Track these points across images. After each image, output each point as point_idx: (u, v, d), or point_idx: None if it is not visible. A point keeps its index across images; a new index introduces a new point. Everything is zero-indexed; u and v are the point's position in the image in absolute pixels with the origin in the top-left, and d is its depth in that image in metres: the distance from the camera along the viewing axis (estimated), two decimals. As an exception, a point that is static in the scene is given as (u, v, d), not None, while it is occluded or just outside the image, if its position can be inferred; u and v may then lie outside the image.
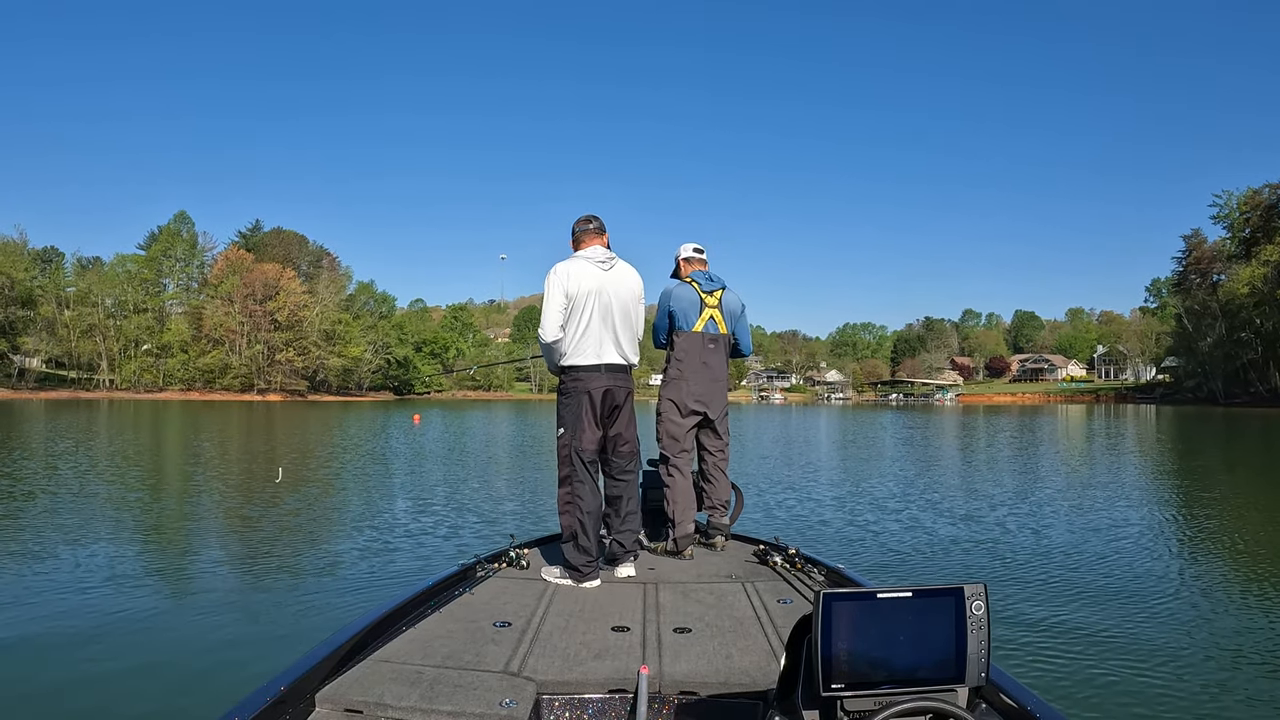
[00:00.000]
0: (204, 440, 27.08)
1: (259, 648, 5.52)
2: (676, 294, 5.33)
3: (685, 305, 5.32)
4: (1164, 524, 11.10)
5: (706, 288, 5.36)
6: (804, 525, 10.73)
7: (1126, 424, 46.39)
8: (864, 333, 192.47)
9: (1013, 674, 2.63)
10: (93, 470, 16.49)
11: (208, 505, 12.33)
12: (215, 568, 8.18)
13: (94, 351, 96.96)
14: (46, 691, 4.72)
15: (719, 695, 2.86)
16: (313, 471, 16.82)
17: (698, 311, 5.32)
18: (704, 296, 5.34)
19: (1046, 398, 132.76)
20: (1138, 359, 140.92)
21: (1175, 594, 7.21)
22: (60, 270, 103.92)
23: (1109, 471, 18.81)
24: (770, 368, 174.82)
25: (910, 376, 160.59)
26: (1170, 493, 15.22)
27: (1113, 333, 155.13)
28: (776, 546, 4.91)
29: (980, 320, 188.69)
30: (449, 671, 2.91)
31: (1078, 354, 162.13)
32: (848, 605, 1.94)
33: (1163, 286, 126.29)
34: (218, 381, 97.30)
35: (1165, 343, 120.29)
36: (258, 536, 9.72)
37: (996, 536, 9.96)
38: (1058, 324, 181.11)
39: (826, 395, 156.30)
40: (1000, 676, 2.52)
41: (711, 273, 5.48)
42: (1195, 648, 5.63)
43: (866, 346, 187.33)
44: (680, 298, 5.33)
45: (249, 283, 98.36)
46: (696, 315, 5.32)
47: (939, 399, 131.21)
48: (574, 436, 4.49)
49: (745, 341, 5.64)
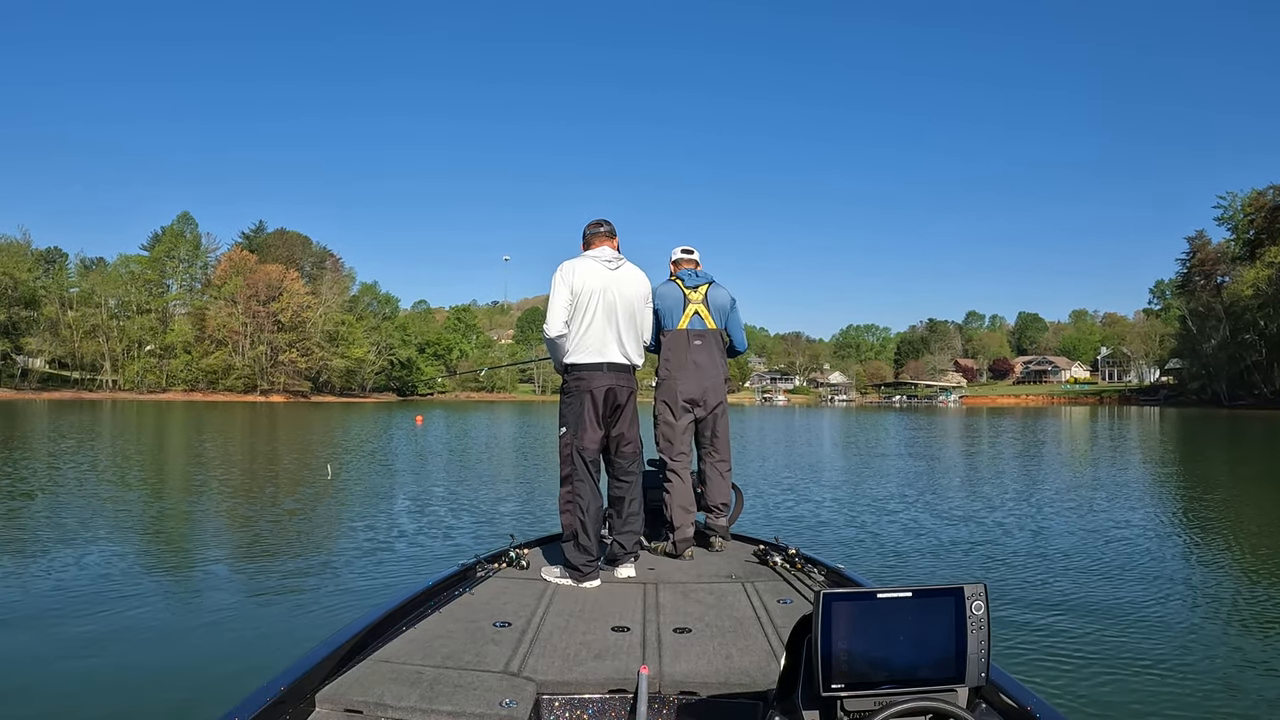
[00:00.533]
0: (205, 441, 27.13)
1: (259, 648, 5.52)
2: (660, 293, 5.26)
3: (669, 303, 5.28)
4: (1164, 526, 11.07)
5: (690, 283, 5.31)
6: (804, 525, 10.73)
7: (1130, 426, 46.31)
8: (867, 334, 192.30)
9: (1013, 674, 2.62)
10: (93, 470, 16.54)
11: (206, 506, 12.33)
12: (215, 568, 8.19)
13: (97, 352, 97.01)
14: (45, 691, 4.72)
15: (719, 695, 2.86)
16: (312, 472, 16.81)
17: (681, 308, 5.28)
18: (687, 292, 5.29)
19: (1050, 400, 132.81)
20: (1141, 361, 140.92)
21: (1176, 595, 7.19)
22: (64, 271, 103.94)
23: (1110, 473, 18.77)
24: (773, 370, 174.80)
25: (914, 378, 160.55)
26: (1172, 495, 15.17)
27: (1116, 334, 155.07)
28: (776, 546, 4.90)
29: (984, 322, 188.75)
30: (449, 671, 2.91)
31: (1081, 356, 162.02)
32: (848, 605, 1.93)
33: (1166, 288, 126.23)
34: (221, 382, 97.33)
35: (1169, 345, 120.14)
36: (257, 537, 9.73)
37: (996, 537, 9.96)
38: (1061, 326, 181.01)
39: (830, 397, 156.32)
40: (1000, 676, 2.52)
41: (698, 270, 5.44)
42: (1196, 648, 5.62)
43: (870, 348, 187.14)
44: (663, 295, 5.28)
45: (252, 284, 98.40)
46: (680, 312, 5.27)
47: (943, 401, 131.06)
48: (576, 436, 4.49)
49: (739, 337, 5.62)
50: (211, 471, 17.18)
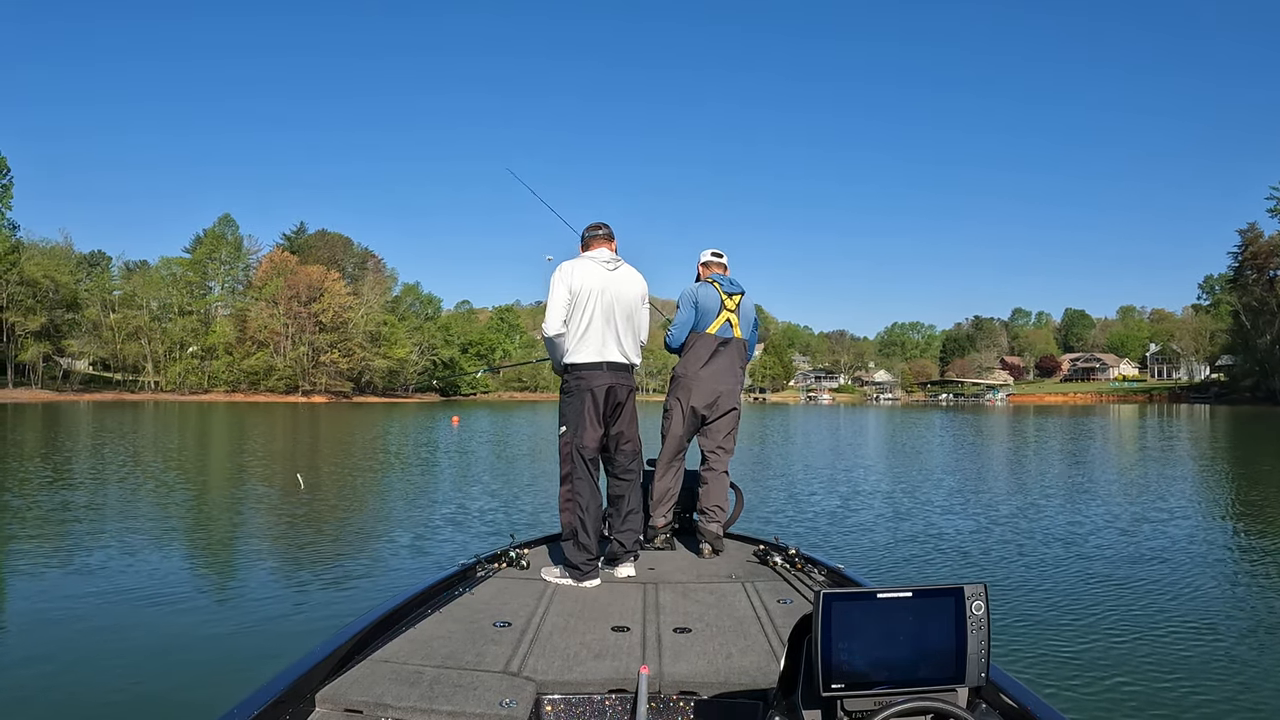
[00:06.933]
0: (230, 442, 27.67)
1: (259, 648, 5.60)
2: (701, 293, 5.35)
3: (709, 304, 5.35)
4: (1183, 528, 10.87)
5: (728, 289, 5.39)
6: (803, 525, 10.78)
7: (1178, 425, 45.64)
8: (912, 332, 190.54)
9: (1013, 674, 2.62)
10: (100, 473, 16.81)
11: (209, 506, 12.57)
12: (215, 568, 8.37)
13: (139, 354, 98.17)
14: (45, 691, 4.81)
15: (719, 695, 2.86)
16: (327, 475, 17.06)
17: (716, 313, 5.35)
18: (724, 299, 5.37)
19: (1098, 397, 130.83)
20: (1192, 357, 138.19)
21: (1176, 596, 7.20)
22: (107, 274, 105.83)
23: (1142, 474, 18.56)
24: (818, 368, 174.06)
25: (960, 376, 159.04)
26: (1202, 496, 14.80)
27: (1165, 330, 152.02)
28: (777, 546, 4.92)
29: (1030, 319, 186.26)
30: (449, 671, 2.91)
31: (1130, 353, 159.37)
32: (848, 605, 1.95)
33: (1216, 283, 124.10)
34: (262, 383, 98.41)
35: (1220, 340, 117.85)
36: (258, 537, 9.93)
37: (1007, 537, 9.97)
38: (1109, 322, 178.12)
39: (875, 396, 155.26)
40: (1000, 676, 2.52)
41: (730, 277, 5.50)
42: (1196, 649, 5.65)
43: (915, 346, 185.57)
44: (705, 297, 5.35)
45: (293, 285, 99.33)
46: (714, 317, 5.35)
47: (989, 399, 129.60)
48: (576, 434, 4.53)
49: (753, 350, 5.70)
50: (229, 472, 17.51)
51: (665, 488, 5.26)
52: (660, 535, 5.22)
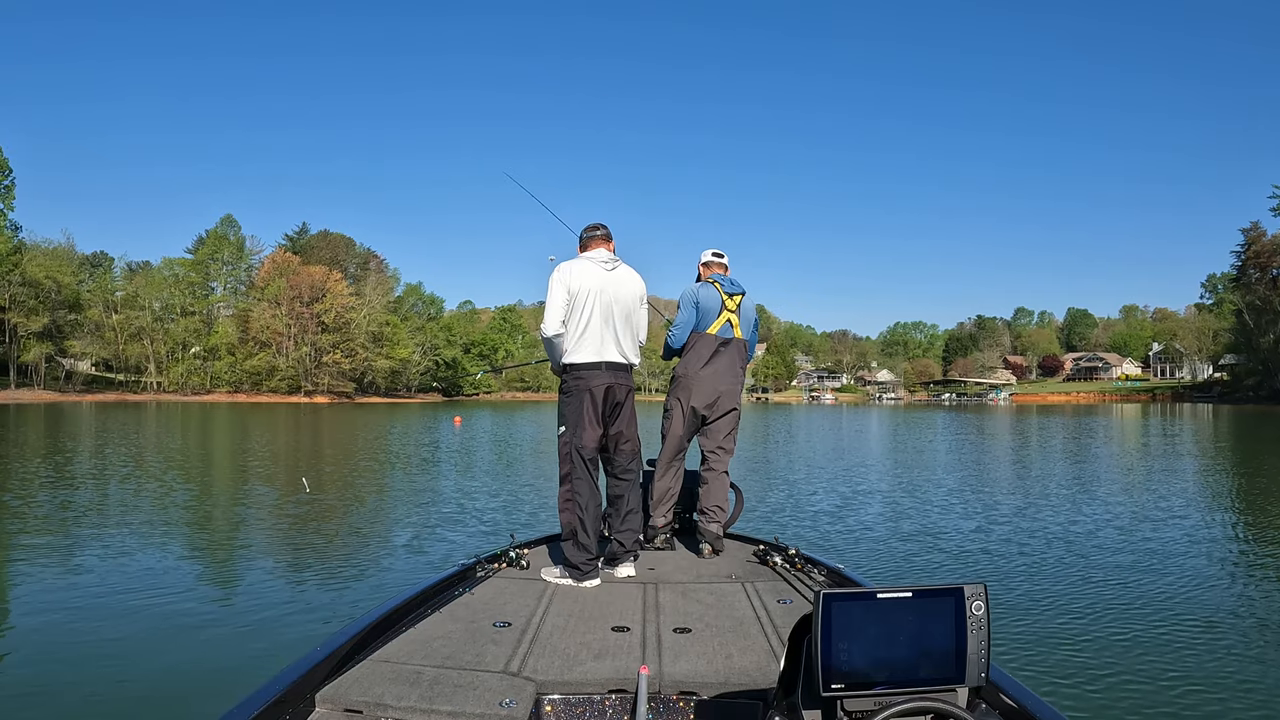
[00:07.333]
0: (232, 443, 27.66)
1: (259, 648, 5.60)
2: (703, 293, 5.37)
3: (710, 304, 5.36)
4: (1181, 528, 10.83)
5: (728, 290, 5.40)
6: (803, 526, 10.77)
7: (1181, 424, 45.54)
8: (915, 332, 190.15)
9: (1013, 674, 2.62)
10: (102, 473, 16.84)
11: (210, 507, 12.56)
12: (216, 568, 8.38)
13: (142, 354, 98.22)
14: (45, 691, 4.80)
15: (719, 695, 2.85)
16: (329, 475, 17.07)
17: (717, 313, 5.36)
18: (725, 299, 5.38)
19: (1101, 397, 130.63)
20: (1195, 357, 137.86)
21: (1177, 596, 7.19)
22: (109, 274, 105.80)
23: (1146, 473, 18.53)
24: (821, 368, 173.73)
25: (963, 376, 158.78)
26: (1204, 495, 14.78)
27: (1168, 330, 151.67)
28: (776, 546, 4.91)
29: (1033, 318, 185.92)
30: (449, 671, 2.91)
31: (1132, 352, 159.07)
32: (848, 605, 1.94)
33: (1219, 282, 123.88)
34: (265, 383, 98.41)
35: (1224, 340, 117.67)
36: (259, 537, 9.92)
37: (1001, 537, 9.98)
38: (1111, 321, 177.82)
39: (878, 395, 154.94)
40: (1000, 676, 2.52)
41: (731, 277, 5.51)
42: (1196, 649, 5.64)
43: (918, 346, 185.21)
44: (706, 297, 5.36)
45: (295, 285, 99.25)
46: (714, 317, 5.36)
47: (993, 399, 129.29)
48: (575, 434, 4.53)
49: (753, 350, 5.70)
50: (231, 473, 17.51)
51: (665, 488, 5.27)
52: (660, 535, 5.24)
